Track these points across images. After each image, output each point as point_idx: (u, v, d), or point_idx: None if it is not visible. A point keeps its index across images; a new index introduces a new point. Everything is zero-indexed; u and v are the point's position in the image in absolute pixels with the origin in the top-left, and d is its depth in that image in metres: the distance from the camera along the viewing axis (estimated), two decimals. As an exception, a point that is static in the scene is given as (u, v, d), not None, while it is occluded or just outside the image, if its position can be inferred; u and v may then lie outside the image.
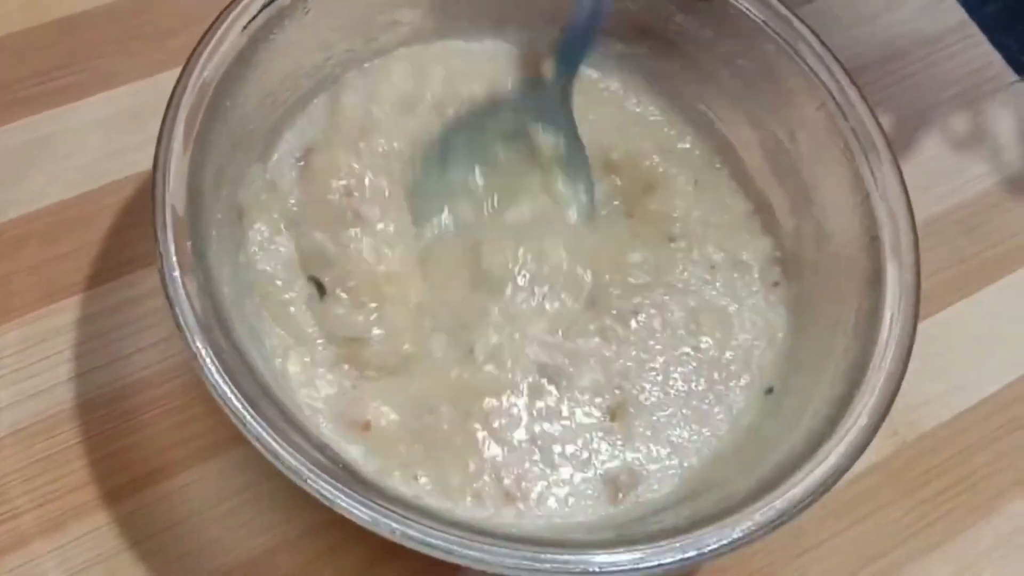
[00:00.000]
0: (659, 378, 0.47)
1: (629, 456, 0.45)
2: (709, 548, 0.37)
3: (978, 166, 0.59)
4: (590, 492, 0.44)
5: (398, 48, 0.51)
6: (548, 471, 0.44)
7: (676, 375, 0.47)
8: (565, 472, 0.44)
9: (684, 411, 0.46)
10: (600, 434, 0.45)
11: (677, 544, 0.37)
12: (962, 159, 0.60)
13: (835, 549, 0.48)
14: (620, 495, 0.44)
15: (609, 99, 0.54)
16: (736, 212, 0.52)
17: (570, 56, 0.50)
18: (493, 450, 0.44)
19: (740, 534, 0.38)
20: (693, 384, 0.47)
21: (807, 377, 0.45)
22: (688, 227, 0.50)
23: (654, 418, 0.46)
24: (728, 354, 0.48)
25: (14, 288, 0.48)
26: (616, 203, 0.51)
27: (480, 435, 0.44)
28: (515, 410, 0.45)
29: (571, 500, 0.44)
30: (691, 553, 0.37)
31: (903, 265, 0.44)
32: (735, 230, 0.51)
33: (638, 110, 0.54)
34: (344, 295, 0.46)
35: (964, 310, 0.55)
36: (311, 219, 0.47)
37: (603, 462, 0.45)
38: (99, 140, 0.53)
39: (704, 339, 0.48)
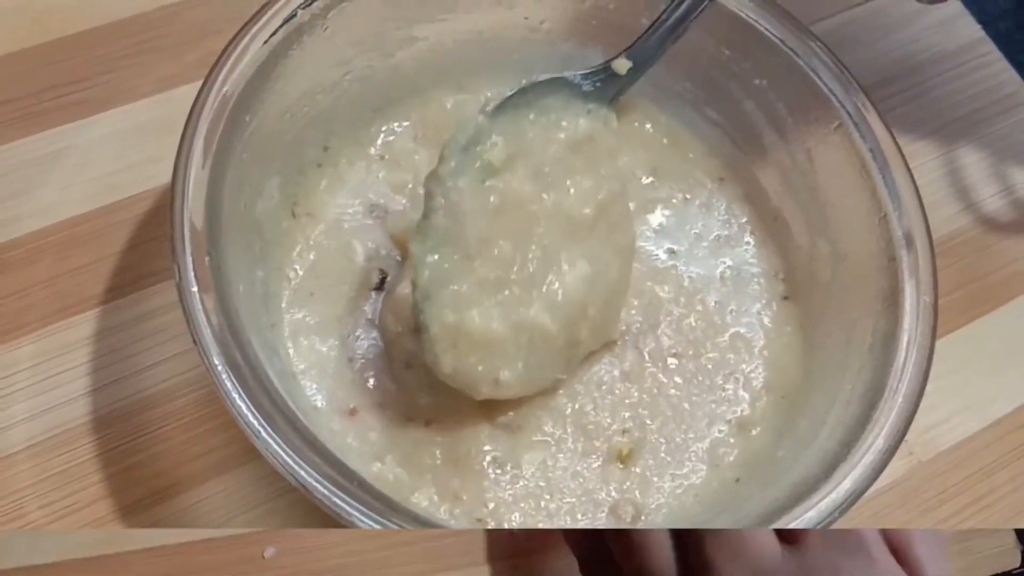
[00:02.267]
0: (664, 398, 0.47)
1: (636, 488, 0.45)
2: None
3: (993, 184, 0.59)
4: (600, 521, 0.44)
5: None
6: (551, 501, 0.44)
7: (682, 394, 0.47)
8: (568, 505, 0.44)
9: (692, 434, 0.46)
10: (604, 465, 0.45)
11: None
12: (977, 177, 0.59)
13: (849, 569, 0.48)
14: (626, 522, 0.44)
15: (619, 111, 0.53)
16: (744, 225, 0.52)
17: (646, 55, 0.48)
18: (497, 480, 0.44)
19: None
20: (700, 403, 0.47)
21: (821, 397, 0.45)
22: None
23: (662, 448, 0.46)
24: (737, 372, 0.48)
25: (30, 302, 0.48)
26: None
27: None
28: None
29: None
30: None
31: (921, 286, 0.43)
32: (741, 243, 0.51)
33: (648, 126, 0.53)
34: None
35: (978, 329, 0.55)
36: None
37: (608, 494, 0.45)
38: (115, 154, 0.53)
39: (712, 355, 0.48)
